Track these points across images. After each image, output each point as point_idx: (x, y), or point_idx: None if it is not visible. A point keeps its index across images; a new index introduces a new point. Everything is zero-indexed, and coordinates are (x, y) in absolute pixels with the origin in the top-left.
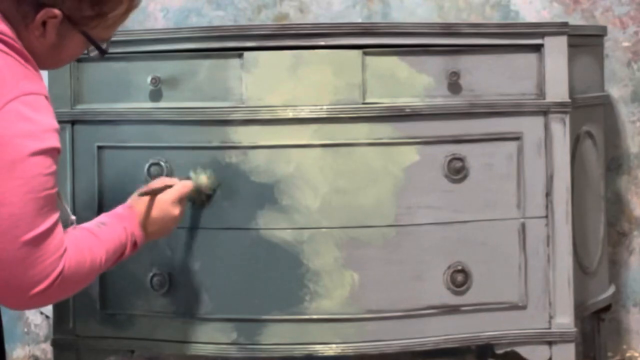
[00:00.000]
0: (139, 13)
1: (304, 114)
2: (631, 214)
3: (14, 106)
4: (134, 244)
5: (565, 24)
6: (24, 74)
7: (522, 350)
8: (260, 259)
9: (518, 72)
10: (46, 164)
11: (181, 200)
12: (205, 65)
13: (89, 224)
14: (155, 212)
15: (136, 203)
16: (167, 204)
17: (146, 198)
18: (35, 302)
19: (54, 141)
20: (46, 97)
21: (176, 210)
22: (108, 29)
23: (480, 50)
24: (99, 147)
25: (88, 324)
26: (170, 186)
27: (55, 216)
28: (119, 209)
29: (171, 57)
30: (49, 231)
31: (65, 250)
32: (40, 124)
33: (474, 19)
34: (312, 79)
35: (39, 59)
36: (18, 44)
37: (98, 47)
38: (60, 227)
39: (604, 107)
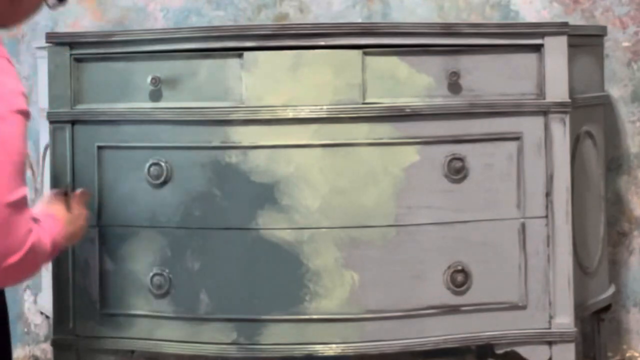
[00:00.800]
0: (139, 13)
1: (304, 114)
2: (631, 214)
3: None
4: (56, 246)
5: (565, 24)
6: None
7: (522, 350)
8: (260, 259)
9: (518, 72)
10: (19, 127)
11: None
12: (205, 65)
13: None
14: (70, 216)
15: (52, 207)
16: (77, 209)
17: (60, 202)
18: (9, 274)
19: (23, 104)
20: (8, 60)
21: (84, 213)
22: None
23: (480, 50)
24: (99, 147)
25: (88, 324)
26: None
27: (26, 187)
28: (42, 209)
29: (171, 57)
30: (25, 199)
31: (33, 223)
32: (5, 86)
33: (474, 19)
34: (312, 79)
35: None
36: None
37: None
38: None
39: (604, 107)
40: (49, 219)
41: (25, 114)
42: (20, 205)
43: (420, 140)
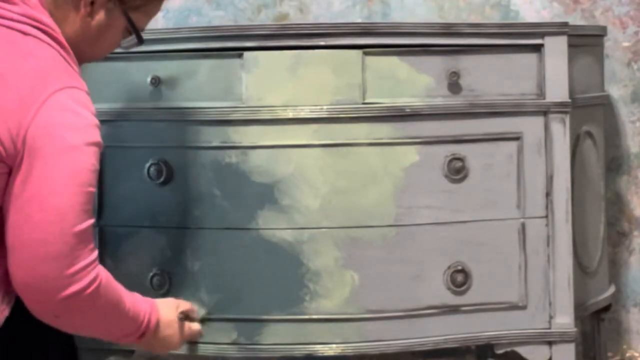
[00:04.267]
0: None
1: (304, 114)
2: (631, 214)
3: (59, 97)
4: (143, 334)
5: (565, 24)
6: (65, 68)
7: (522, 350)
8: (260, 259)
9: (518, 72)
10: (92, 160)
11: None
12: (205, 65)
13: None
14: (173, 325)
15: (162, 307)
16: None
17: (173, 311)
18: (65, 307)
19: (97, 136)
20: (87, 93)
21: (182, 340)
22: (147, 15)
23: (480, 50)
24: None
25: None
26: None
27: (93, 219)
28: (146, 299)
29: (171, 57)
30: (91, 230)
31: (97, 258)
32: (85, 118)
33: (474, 19)
34: (312, 79)
35: (78, 49)
36: (60, 37)
37: (137, 32)
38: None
39: (604, 107)
40: (147, 303)
41: (99, 146)
42: (88, 234)
43: (420, 140)
